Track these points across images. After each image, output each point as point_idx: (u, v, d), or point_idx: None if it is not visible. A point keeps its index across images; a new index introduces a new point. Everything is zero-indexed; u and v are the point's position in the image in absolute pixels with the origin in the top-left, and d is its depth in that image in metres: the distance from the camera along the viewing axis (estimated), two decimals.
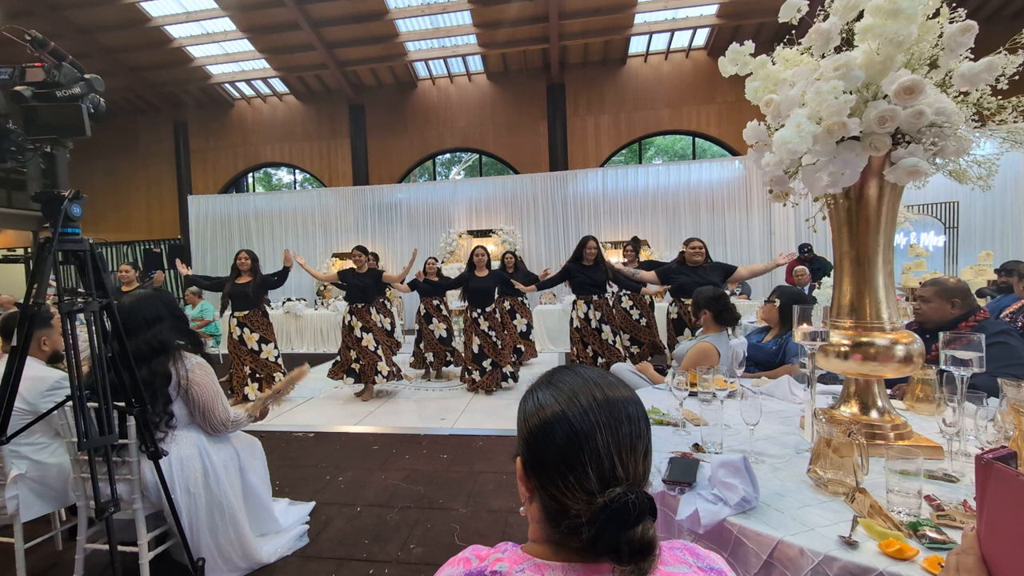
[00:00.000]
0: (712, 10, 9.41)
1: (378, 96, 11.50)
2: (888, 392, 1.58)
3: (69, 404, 1.82)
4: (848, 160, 1.30)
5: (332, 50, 10.23)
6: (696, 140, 11.30)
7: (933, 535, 0.98)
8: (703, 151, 11.64)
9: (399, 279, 5.62)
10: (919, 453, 1.09)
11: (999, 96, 1.30)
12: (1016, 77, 1.26)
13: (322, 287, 10.58)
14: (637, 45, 10.44)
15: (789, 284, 6.50)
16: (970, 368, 1.33)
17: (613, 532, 0.57)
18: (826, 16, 1.39)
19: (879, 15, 1.24)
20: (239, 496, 2.21)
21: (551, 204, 10.25)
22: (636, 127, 10.89)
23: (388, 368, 5.22)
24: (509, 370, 5.35)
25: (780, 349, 2.86)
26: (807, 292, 6.33)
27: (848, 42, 1.37)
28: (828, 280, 6.62)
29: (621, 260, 5.95)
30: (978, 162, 1.37)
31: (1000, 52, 1.26)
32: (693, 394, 1.84)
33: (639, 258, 6.05)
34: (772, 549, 1.03)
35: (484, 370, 5.28)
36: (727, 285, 4.40)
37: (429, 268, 6.18)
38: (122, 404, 1.81)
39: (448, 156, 12.79)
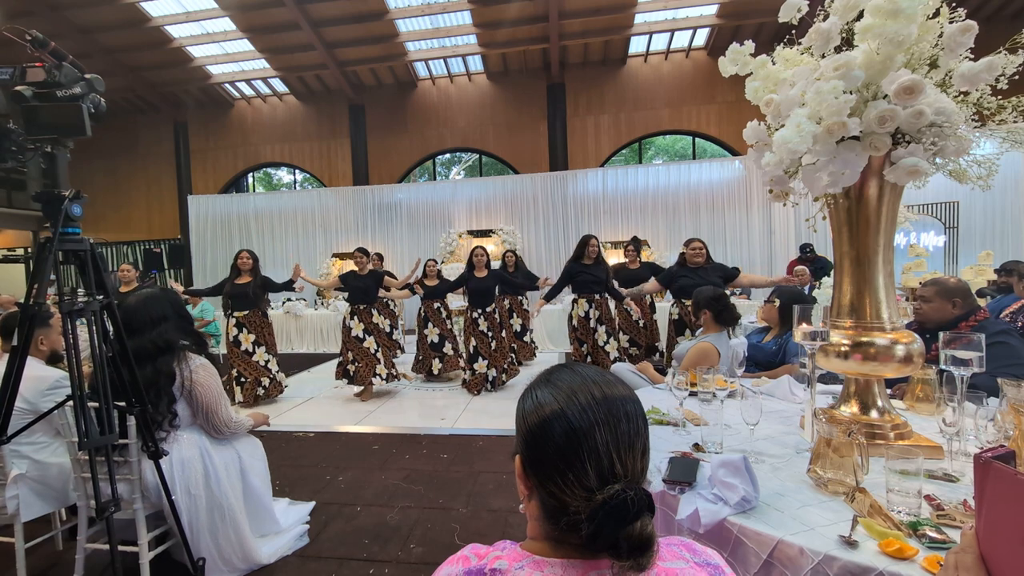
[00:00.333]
0: (712, 10, 9.41)
1: (378, 96, 11.50)
2: (888, 392, 1.58)
3: (69, 404, 1.82)
4: (848, 160, 1.30)
5: (332, 50, 10.23)
6: (696, 140, 11.31)
7: (933, 535, 0.98)
8: (703, 151, 11.63)
9: (399, 285, 5.63)
10: (919, 453, 1.10)
11: (999, 96, 1.30)
12: (1016, 77, 1.26)
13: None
14: (637, 45, 10.44)
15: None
16: (970, 368, 1.33)
17: (612, 528, 0.57)
18: (826, 16, 1.39)
19: (879, 15, 1.24)
20: (240, 498, 2.21)
21: (551, 204, 10.24)
22: (636, 127, 10.89)
23: (386, 371, 5.21)
24: (493, 374, 5.31)
25: (780, 349, 2.86)
26: (807, 292, 6.33)
27: (848, 42, 1.37)
28: (828, 280, 6.63)
29: (623, 260, 5.95)
30: (978, 162, 1.37)
31: (1000, 52, 1.26)
32: (693, 394, 1.84)
33: (640, 258, 6.04)
34: (772, 549, 1.03)
35: (475, 371, 5.28)
36: (727, 287, 4.39)
37: (429, 270, 6.16)
38: (123, 404, 1.81)
39: (448, 156, 12.80)
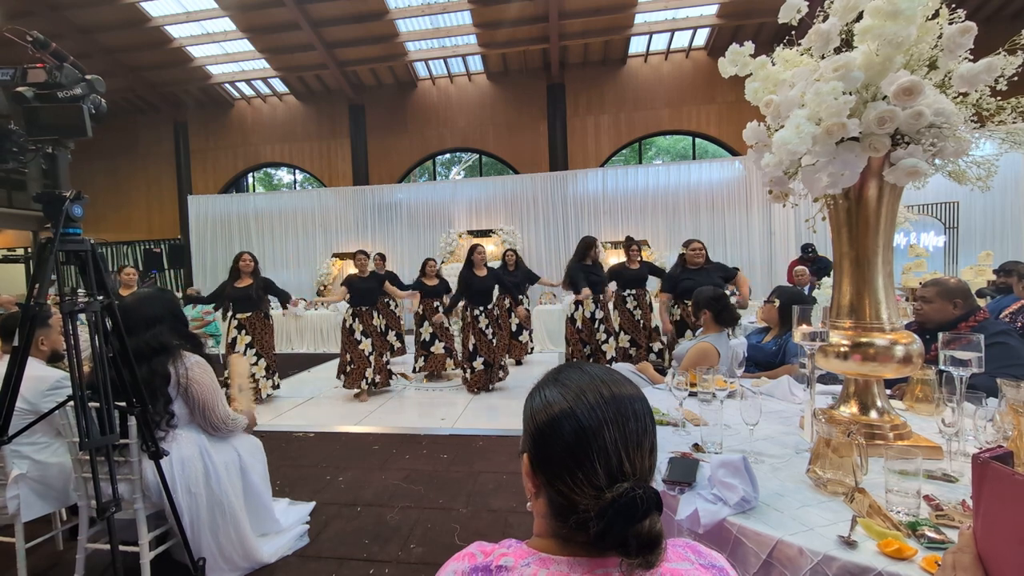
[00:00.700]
0: (712, 10, 9.41)
1: (378, 96, 11.50)
2: (887, 392, 1.59)
3: (70, 404, 1.82)
4: (847, 161, 1.31)
5: (332, 50, 10.23)
6: (697, 141, 11.30)
7: (932, 535, 0.98)
8: (705, 152, 11.63)
9: (399, 297, 5.79)
10: (918, 453, 1.10)
11: (998, 97, 1.30)
12: (1015, 78, 1.26)
13: (322, 287, 10.60)
14: (637, 45, 10.43)
15: (790, 284, 6.50)
16: (969, 368, 1.33)
17: (622, 526, 0.57)
18: (826, 17, 1.39)
19: (878, 16, 1.24)
20: (240, 496, 2.22)
21: (551, 204, 10.24)
22: (636, 127, 10.89)
23: (375, 376, 5.19)
24: (496, 370, 5.36)
25: (780, 349, 2.86)
26: (807, 292, 6.34)
27: (848, 43, 1.37)
28: (828, 280, 6.62)
29: (622, 260, 5.94)
30: (977, 163, 1.37)
31: (999, 53, 1.26)
32: (693, 394, 1.84)
33: (641, 258, 6.05)
34: (771, 549, 1.03)
35: (474, 369, 5.29)
36: (727, 286, 4.40)
37: (429, 269, 6.16)
38: (123, 404, 1.81)
39: (448, 156, 12.79)
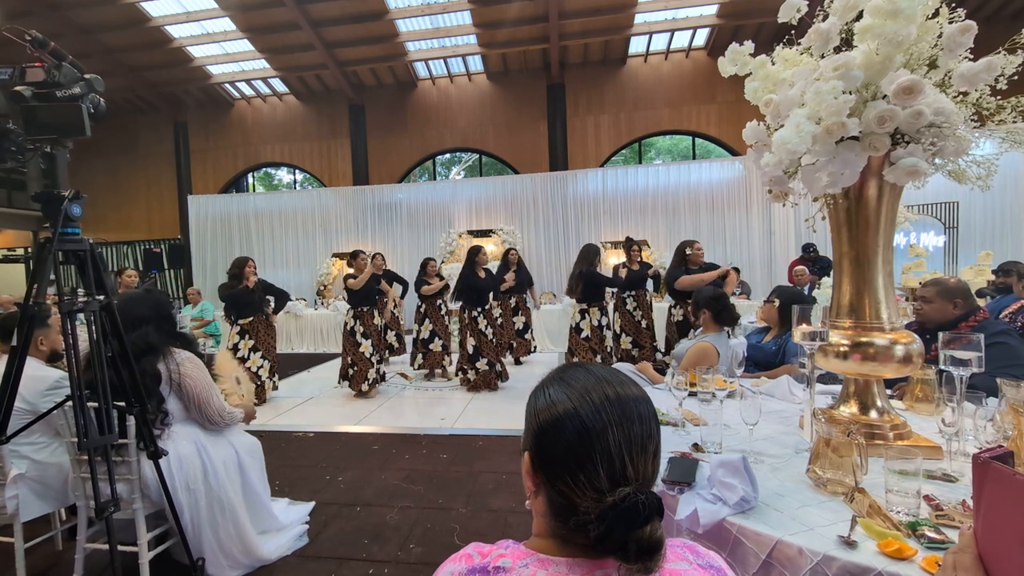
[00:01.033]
0: (712, 10, 9.40)
1: (378, 96, 11.49)
2: (887, 392, 1.58)
3: (69, 404, 1.82)
4: (847, 160, 1.30)
5: (332, 50, 10.22)
6: (697, 141, 11.30)
7: (932, 535, 0.98)
8: (706, 152, 11.62)
9: (390, 295, 5.93)
10: (918, 453, 1.09)
11: (998, 96, 1.30)
12: (1015, 77, 1.26)
13: (322, 287, 10.61)
14: (637, 45, 10.42)
15: (790, 284, 6.50)
16: (969, 368, 1.33)
17: (622, 531, 0.57)
18: (826, 16, 1.39)
19: (878, 15, 1.24)
20: (239, 492, 2.22)
21: (551, 204, 10.23)
22: (636, 127, 10.88)
23: (374, 376, 5.29)
24: (499, 369, 5.39)
25: (780, 349, 2.86)
26: (807, 292, 6.33)
27: (847, 42, 1.37)
28: (828, 280, 6.62)
29: (622, 260, 5.95)
30: (977, 162, 1.37)
31: (999, 52, 1.26)
32: (693, 394, 1.84)
33: (641, 259, 6.05)
34: (771, 549, 1.03)
35: (478, 370, 5.30)
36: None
37: (429, 269, 6.16)
38: (122, 404, 1.81)
39: (448, 156, 12.78)
